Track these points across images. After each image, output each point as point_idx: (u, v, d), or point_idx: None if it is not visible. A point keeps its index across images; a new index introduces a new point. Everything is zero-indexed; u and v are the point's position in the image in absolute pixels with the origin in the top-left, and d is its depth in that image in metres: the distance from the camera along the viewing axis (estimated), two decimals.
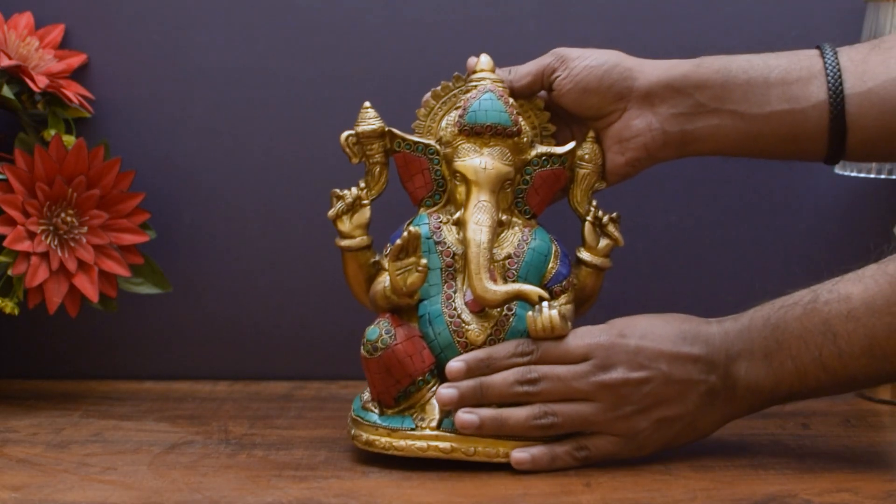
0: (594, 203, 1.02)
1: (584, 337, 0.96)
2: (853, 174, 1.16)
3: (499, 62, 1.03)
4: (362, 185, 1.01)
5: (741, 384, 0.95)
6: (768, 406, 0.97)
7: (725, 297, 1.00)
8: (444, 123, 1.01)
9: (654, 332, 0.96)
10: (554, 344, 0.96)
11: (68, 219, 1.13)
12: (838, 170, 1.18)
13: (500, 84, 1.00)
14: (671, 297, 1.22)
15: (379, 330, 0.97)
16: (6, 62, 1.13)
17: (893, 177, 1.14)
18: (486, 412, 0.95)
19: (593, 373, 0.95)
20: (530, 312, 0.96)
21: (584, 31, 1.20)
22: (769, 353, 0.94)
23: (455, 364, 0.96)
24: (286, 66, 1.22)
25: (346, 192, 1.01)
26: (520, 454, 0.95)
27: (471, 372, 0.96)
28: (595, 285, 1.02)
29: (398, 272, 0.95)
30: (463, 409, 0.96)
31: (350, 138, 1.01)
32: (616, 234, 1.02)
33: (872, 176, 1.15)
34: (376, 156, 1.01)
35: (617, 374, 0.95)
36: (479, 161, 0.98)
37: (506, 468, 0.96)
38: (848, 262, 0.95)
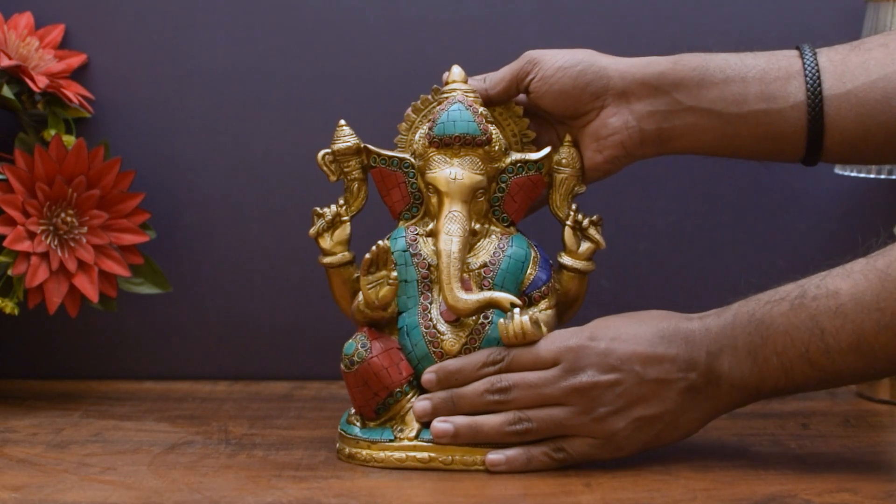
0: (574, 207, 1.01)
1: (553, 341, 0.95)
2: (853, 174, 1.16)
3: (499, 63, 1.03)
4: (342, 201, 1.02)
5: (725, 380, 0.94)
6: (753, 402, 0.96)
7: (725, 297, 0.99)
8: (416, 136, 1.01)
9: (627, 333, 0.95)
10: (524, 350, 0.96)
11: (68, 219, 1.13)
12: (838, 170, 1.18)
13: (470, 94, 1.00)
14: (671, 297, 1.22)
15: (355, 344, 0.97)
16: (6, 62, 1.13)
17: (893, 177, 1.14)
18: (461, 420, 0.96)
19: (563, 377, 0.94)
20: (502, 320, 0.96)
21: (584, 32, 1.20)
22: (753, 349, 0.93)
23: (427, 375, 0.97)
24: (286, 66, 1.22)
25: (325, 209, 1.01)
26: (494, 455, 0.95)
27: (441, 383, 0.97)
28: (579, 289, 1.02)
29: (370, 286, 0.96)
30: (438, 419, 0.96)
31: (327, 157, 1.01)
32: (597, 236, 1.01)
33: (872, 176, 1.15)
34: (354, 172, 1.01)
35: (586, 377, 0.94)
36: (449, 172, 0.98)
37: (502, 471, 0.96)
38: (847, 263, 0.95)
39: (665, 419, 0.95)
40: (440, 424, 0.96)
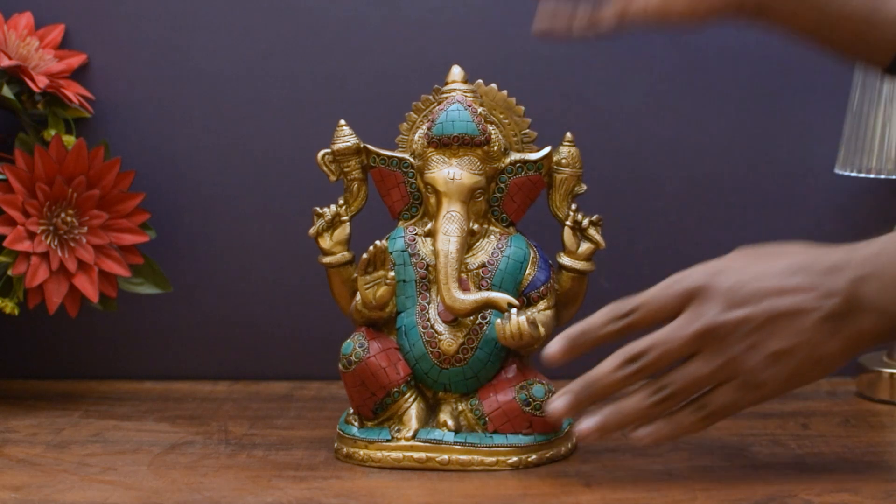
0: (573, 207, 1.01)
1: (679, 282, 0.91)
2: (853, 174, 1.16)
3: (498, 64, 1.03)
4: (341, 201, 1.02)
5: (869, 306, 0.88)
6: None
7: None
8: (416, 136, 1.01)
9: (757, 268, 0.90)
10: (649, 296, 0.90)
11: (68, 219, 1.13)
12: (838, 170, 1.18)
13: (470, 94, 1.00)
14: None
15: (353, 344, 0.98)
16: (6, 62, 1.13)
17: (893, 177, 1.14)
18: (603, 412, 0.91)
19: (690, 323, 0.89)
20: (499, 320, 0.95)
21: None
22: None
23: (553, 345, 0.91)
24: (286, 66, 1.22)
25: (325, 209, 1.01)
26: (640, 431, 0.91)
27: (572, 344, 0.91)
28: (578, 289, 1.01)
29: (367, 286, 0.96)
30: (580, 421, 0.91)
31: (326, 157, 1.01)
32: (596, 237, 1.01)
33: (872, 176, 1.15)
34: (354, 172, 1.01)
35: (712, 315, 0.89)
36: (447, 172, 0.98)
37: (499, 471, 0.96)
38: None
39: (802, 351, 0.89)
40: (584, 424, 0.91)
